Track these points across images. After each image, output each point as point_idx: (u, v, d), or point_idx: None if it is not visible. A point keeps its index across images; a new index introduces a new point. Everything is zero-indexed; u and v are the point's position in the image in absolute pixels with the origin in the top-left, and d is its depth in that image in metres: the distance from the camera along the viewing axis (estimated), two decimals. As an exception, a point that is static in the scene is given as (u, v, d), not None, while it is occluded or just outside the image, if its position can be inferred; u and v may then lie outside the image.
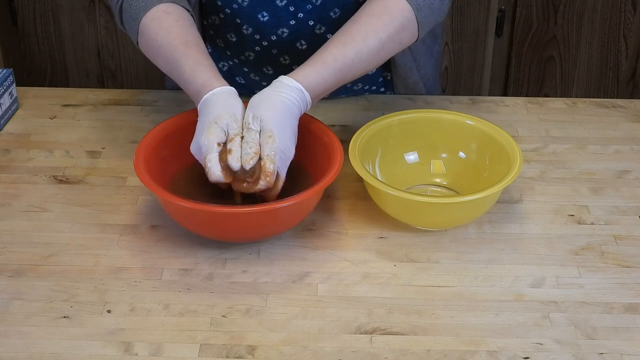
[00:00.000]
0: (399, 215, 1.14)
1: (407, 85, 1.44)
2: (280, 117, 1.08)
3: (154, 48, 1.19)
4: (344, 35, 1.17)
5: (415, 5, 1.20)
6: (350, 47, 1.16)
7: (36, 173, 1.26)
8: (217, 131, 1.07)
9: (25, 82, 2.37)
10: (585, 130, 1.37)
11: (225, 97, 1.11)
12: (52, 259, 1.10)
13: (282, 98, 1.10)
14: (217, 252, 1.11)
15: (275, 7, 1.30)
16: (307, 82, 1.12)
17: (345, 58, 1.15)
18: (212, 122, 1.08)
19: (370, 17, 1.18)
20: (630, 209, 1.20)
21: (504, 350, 0.97)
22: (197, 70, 1.14)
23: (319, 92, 1.15)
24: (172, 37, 1.17)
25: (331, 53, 1.15)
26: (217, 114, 1.08)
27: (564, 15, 2.28)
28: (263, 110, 1.08)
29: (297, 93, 1.11)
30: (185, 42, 1.17)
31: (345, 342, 0.98)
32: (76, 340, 0.98)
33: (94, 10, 2.31)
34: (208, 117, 1.09)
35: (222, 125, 1.07)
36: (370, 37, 1.17)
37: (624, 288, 1.06)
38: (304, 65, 1.15)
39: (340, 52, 1.15)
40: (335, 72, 1.15)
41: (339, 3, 1.30)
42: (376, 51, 1.18)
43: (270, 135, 1.06)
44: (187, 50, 1.16)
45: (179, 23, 1.19)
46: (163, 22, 1.19)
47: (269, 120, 1.07)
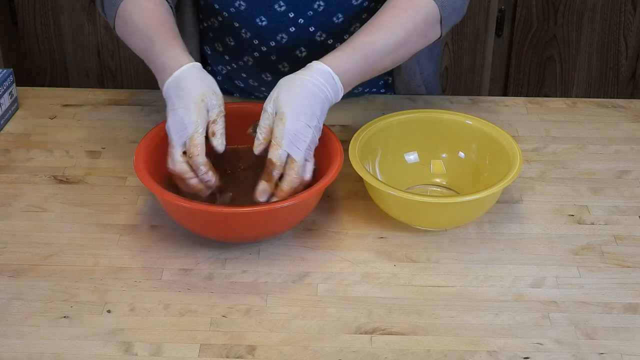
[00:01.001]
0: (399, 215, 1.14)
1: (409, 88, 1.44)
2: (297, 99, 1.07)
3: (129, 27, 1.20)
4: (370, 26, 1.18)
5: (440, 3, 1.20)
6: (377, 36, 1.16)
7: (36, 173, 1.26)
8: (203, 110, 1.07)
9: (25, 82, 2.37)
10: (585, 130, 1.37)
11: (200, 74, 1.11)
12: (52, 259, 1.10)
13: (307, 82, 1.09)
14: (217, 252, 1.11)
15: (274, 13, 1.29)
16: (337, 66, 1.12)
17: (373, 45, 1.15)
18: (198, 99, 1.07)
19: (395, 9, 1.19)
20: (630, 209, 1.20)
21: (504, 350, 0.97)
22: (169, 45, 1.14)
23: (349, 78, 1.14)
24: (149, 17, 1.18)
25: (359, 40, 1.15)
26: (202, 91, 1.08)
27: (564, 15, 2.28)
28: (281, 92, 1.08)
29: (325, 76, 1.10)
30: (160, 23, 1.18)
31: (345, 342, 0.98)
32: (76, 340, 0.98)
33: (94, 10, 2.31)
34: (190, 93, 1.08)
35: (207, 103, 1.08)
36: (396, 27, 1.17)
37: (624, 288, 1.06)
38: (333, 51, 1.14)
39: (368, 39, 1.15)
40: (364, 58, 1.15)
41: (342, 9, 1.29)
42: (402, 42, 1.18)
43: (281, 118, 1.06)
44: (162, 28, 1.17)
45: (156, 7, 1.20)
46: (140, 4, 1.20)
47: (283, 103, 1.07)
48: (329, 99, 1.11)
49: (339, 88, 1.12)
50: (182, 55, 1.12)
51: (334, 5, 1.28)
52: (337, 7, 1.29)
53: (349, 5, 1.29)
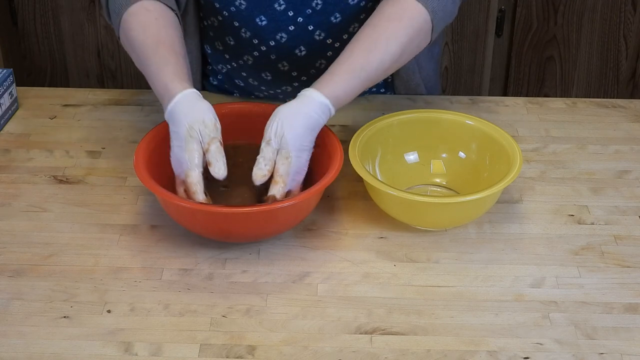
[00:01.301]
0: (399, 215, 1.14)
1: (409, 87, 1.44)
2: (301, 137, 1.08)
3: (130, 44, 1.19)
4: (366, 41, 1.16)
5: (431, 9, 1.19)
6: (373, 55, 1.15)
7: (36, 173, 1.26)
8: (194, 145, 1.07)
9: (25, 82, 2.37)
10: (585, 130, 1.37)
11: (189, 103, 1.10)
12: (52, 259, 1.10)
13: (308, 117, 1.09)
14: (217, 252, 1.11)
15: (274, 12, 1.29)
16: (335, 96, 1.12)
17: (369, 65, 1.15)
18: (186, 135, 1.07)
19: (390, 22, 1.17)
20: (630, 209, 1.20)
21: (504, 350, 0.97)
22: (162, 71, 1.13)
23: (342, 104, 1.14)
24: (147, 35, 1.17)
25: (357, 62, 1.14)
26: (187, 125, 1.07)
27: (564, 15, 2.28)
28: (286, 128, 1.08)
29: (324, 109, 1.11)
30: (156, 42, 1.16)
31: (345, 342, 0.98)
32: (76, 340, 0.98)
33: (94, 10, 2.31)
34: (180, 128, 1.08)
35: (196, 137, 1.07)
36: (392, 43, 1.16)
37: (624, 288, 1.06)
38: (332, 75, 1.13)
39: (366, 60, 1.14)
40: (361, 81, 1.15)
41: (339, 8, 1.29)
42: (397, 57, 1.17)
43: (287, 157, 1.07)
44: (157, 48, 1.15)
45: (157, 21, 1.19)
46: (140, 18, 1.19)
47: (290, 142, 1.07)
48: (321, 127, 1.12)
49: (332, 114, 1.13)
50: (173, 83, 1.11)
51: (332, 5, 1.28)
52: (334, 6, 1.28)
53: (346, 5, 1.28)
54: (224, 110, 1.19)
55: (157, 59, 1.14)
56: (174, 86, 1.11)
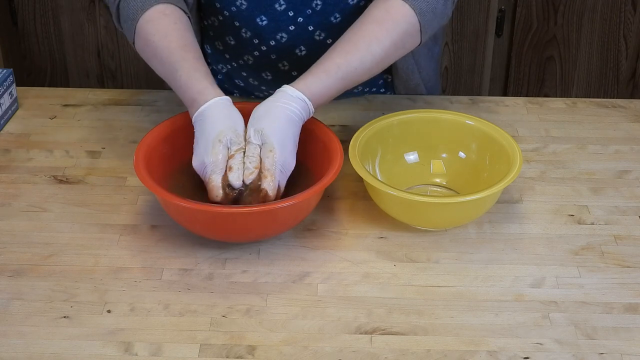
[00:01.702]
0: (399, 215, 1.14)
1: (409, 87, 1.44)
2: (281, 131, 1.08)
3: (150, 50, 1.19)
4: (347, 43, 1.17)
5: (419, 10, 1.19)
6: (353, 55, 1.15)
7: (36, 173, 1.26)
8: (221, 149, 1.07)
9: (25, 82, 2.37)
10: (585, 130, 1.37)
11: (223, 110, 1.10)
12: (52, 259, 1.10)
13: (285, 110, 1.09)
14: (217, 252, 1.11)
15: (274, 12, 1.29)
16: (310, 92, 1.12)
17: (348, 66, 1.15)
18: (215, 140, 1.08)
19: (373, 24, 1.17)
20: (630, 209, 1.20)
21: (504, 350, 0.97)
22: (193, 77, 1.13)
23: (322, 101, 1.14)
24: (169, 40, 1.17)
25: (334, 62, 1.15)
26: (219, 130, 1.08)
27: (564, 15, 2.28)
28: (265, 123, 1.08)
29: (300, 103, 1.11)
30: (182, 46, 1.16)
31: (345, 342, 0.98)
32: (76, 340, 0.98)
33: (94, 10, 2.31)
34: (210, 133, 1.08)
35: (225, 142, 1.08)
36: (373, 45, 1.16)
37: (624, 288, 1.06)
38: (307, 74, 1.14)
39: (344, 60, 1.15)
40: (338, 81, 1.15)
41: (339, 8, 1.29)
42: (379, 59, 1.17)
43: (271, 150, 1.07)
44: (184, 54, 1.15)
45: (176, 26, 1.18)
46: (160, 24, 1.18)
47: (270, 134, 1.07)
48: (302, 121, 1.12)
49: (311, 111, 1.13)
50: (208, 89, 1.12)
51: (331, 5, 1.28)
52: (334, 6, 1.29)
53: (346, 5, 1.29)
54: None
55: (187, 66, 1.14)
56: (208, 92, 1.11)
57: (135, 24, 1.19)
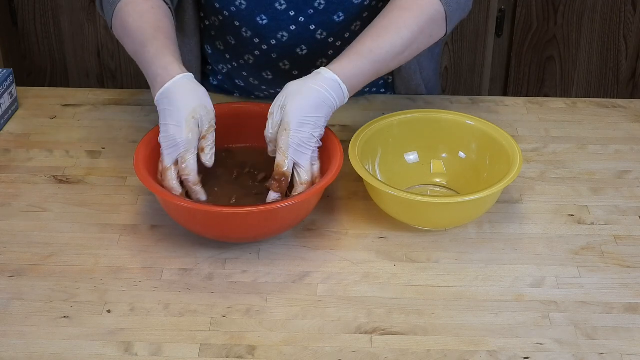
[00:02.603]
0: (399, 215, 1.14)
1: (409, 87, 1.44)
2: (303, 109, 1.08)
3: (124, 29, 1.20)
4: (376, 28, 1.18)
5: (445, 0, 1.20)
6: (384, 39, 1.16)
7: (36, 173, 1.26)
8: (194, 127, 1.07)
9: (25, 82, 2.37)
10: (585, 130, 1.37)
11: (191, 86, 1.10)
12: (52, 259, 1.10)
13: (315, 90, 1.10)
14: (217, 252, 1.11)
15: (275, 11, 1.29)
16: (344, 74, 1.12)
17: (380, 49, 1.16)
18: (189, 117, 1.08)
19: (401, 10, 1.19)
20: (630, 209, 1.20)
21: (504, 350, 0.97)
22: (160, 52, 1.13)
23: (356, 84, 1.15)
24: (144, 20, 1.18)
25: (366, 45, 1.16)
26: (192, 107, 1.08)
27: (564, 15, 2.28)
28: (290, 100, 1.09)
29: (333, 85, 1.11)
30: (155, 27, 1.17)
31: (345, 342, 0.98)
32: (76, 340, 0.98)
33: (94, 10, 2.31)
34: (182, 109, 1.08)
35: (197, 120, 1.08)
36: (403, 29, 1.17)
37: (624, 288, 1.06)
38: (340, 58, 1.15)
39: (375, 43, 1.16)
40: (371, 64, 1.15)
41: (343, 7, 1.29)
42: (409, 43, 1.18)
43: (285, 129, 1.07)
44: (156, 34, 1.16)
45: (153, 10, 1.20)
46: (137, 7, 1.20)
47: (289, 112, 1.08)
48: (334, 105, 1.12)
49: (345, 95, 1.13)
50: (173, 64, 1.12)
51: (335, 4, 1.28)
52: (338, 5, 1.29)
53: (350, 4, 1.29)
54: (223, 110, 1.19)
55: (156, 43, 1.15)
56: (174, 67, 1.11)
57: (114, 8, 1.21)
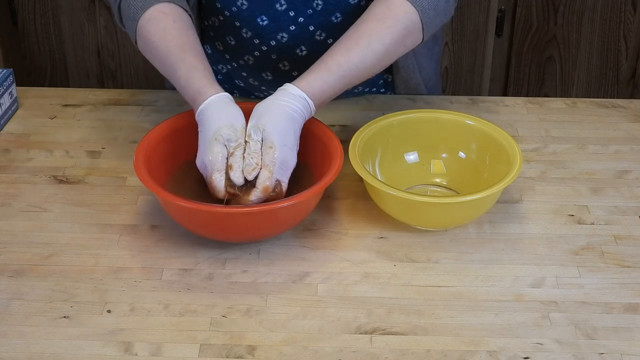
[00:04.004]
0: (399, 215, 1.14)
1: (409, 87, 1.44)
2: (282, 127, 1.08)
3: (150, 50, 1.19)
4: (347, 40, 1.17)
5: (420, 8, 1.19)
6: (354, 52, 1.15)
7: (36, 173, 1.26)
8: (218, 148, 1.08)
9: (25, 82, 2.37)
10: (585, 130, 1.37)
11: (221, 107, 1.10)
12: (52, 259, 1.10)
13: (286, 107, 1.09)
14: (217, 252, 1.11)
15: (275, 12, 1.29)
16: (311, 90, 1.12)
17: (349, 64, 1.15)
18: (212, 138, 1.08)
19: (374, 22, 1.17)
20: (630, 209, 1.20)
21: (504, 350, 0.97)
22: (192, 76, 1.13)
23: (323, 99, 1.14)
24: (169, 39, 1.17)
25: (335, 59, 1.15)
26: (215, 129, 1.08)
27: (564, 15, 2.28)
28: (265, 120, 1.08)
29: (301, 101, 1.11)
30: (180, 46, 1.16)
31: (345, 342, 0.98)
32: (76, 340, 0.98)
33: (94, 10, 2.31)
34: (207, 132, 1.09)
35: (222, 141, 1.08)
36: (374, 42, 1.16)
37: (624, 288, 1.06)
38: (308, 72, 1.14)
39: (344, 58, 1.15)
40: (339, 79, 1.15)
41: (340, 8, 1.29)
42: (381, 56, 1.17)
43: (271, 147, 1.07)
44: (182, 54, 1.15)
45: (176, 24, 1.19)
46: (160, 24, 1.18)
47: (270, 131, 1.07)
48: (304, 119, 1.12)
49: (312, 110, 1.13)
50: (205, 87, 1.12)
51: (332, 5, 1.28)
52: (335, 6, 1.29)
53: (347, 5, 1.29)
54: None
55: (185, 65, 1.14)
56: (206, 90, 1.11)
57: (136, 24, 1.20)
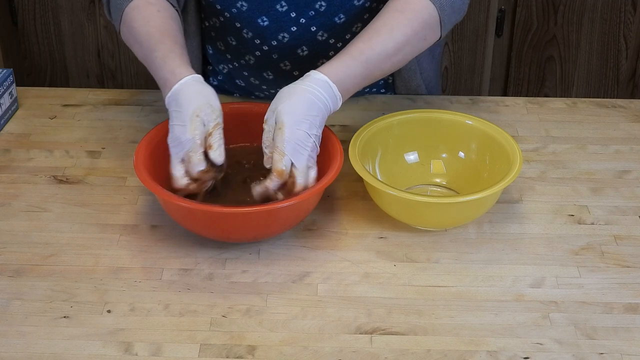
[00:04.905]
0: (399, 215, 1.14)
1: (409, 88, 1.44)
2: (296, 108, 1.08)
3: (132, 35, 1.20)
4: (368, 30, 1.18)
5: (439, 5, 1.20)
6: (376, 40, 1.16)
7: (36, 173, 1.26)
8: (199, 125, 1.08)
9: (25, 82, 2.37)
10: (585, 130, 1.37)
11: (197, 87, 1.11)
12: (52, 259, 1.10)
13: (305, 91, 1.09)
14: (217, 252, 1.11)
15: (276, 13, 1.29)
16: (334, 75, 1.12)
17: (371, 51, 1.15)
18: (192, 115, 1.08)
19: (394, 12, 1.19)
20: (630, 209, 1.20)
21: (504, 350, 0.97)
22: (168, 57, 1.14)
23: (348, 86, 1.14)
24: (151, 25, 1.18)
25: (357, 47, 1.16)
26: (196, 106, 1.08)
27: (564, 15, 2.28)
28: (281, 103, 1.09)
29: (323, 85, 1.11)
30: (161, 31, 1.18)
31: (345, 342, 0.98)
32: (76, 340, 0.98)
33: (94, 10, 2.31)
34: (186, 109, 1.09)
35: (202, 118, 1.08)
36: (395, 31, 1.17)
37: (624, 288, 1.06)
38: (332, 60, 1.15)
39: (367, 45, 1.16)
40: (362, 65, 1.15)
41: (344, 9, 1.29)
42: (401, 45, 1.18)
43: (280, 128, 1.07)
44: (162, 38, 1.17)
45: (159, 13, 1.20)
46: (143, 11, 1.20)
47: (282, 112, 1.08)
48: (328, 107, 1.11)
49: (337, 96, 1.13)
50: (180, 68, 1.12)
51: (336, 6, 1.28)
52: (338, 7, 1.29)
53: (351, 6, 1.29)
54: (224, 110, 1.19)
55: (163, 47, 1.15)
56: (181, 71, 1.12)
57: (121, 12, 1.22)
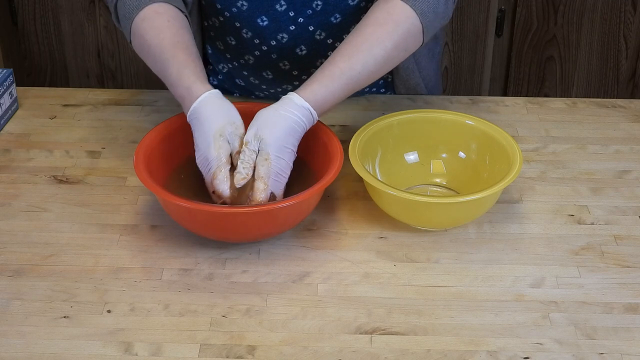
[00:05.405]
0: (399, 215, 1.14)
1: (409, 87, 1.44)
2: (280, 140, 1.08)
3: (144, 48, 1.19)
4: (349, 46, 1.16)
5: (420, 11, 1.18)
6: (356, 58, 1.15)
7: (36, 173, 1.26)
8: (223, 144, 1.08)
9: (25, 82, 2.37)
10: (585, 130, 1.37)
11: (217, 104, 1.11)
12: (52, 259, 1.10)
13: (288, 119, 1.09)
14: (217, 252, 1.11)
15: (275, 12, 1.29)
16: (314, 100, 1.12)
17: (352, 71, 1.15)
18: (216, 134, 1.08)
19: (374, 26, 1.17)
20: (630, 209, 1.20)
21: (504, 350, 0.97)
22: (182, 73, 1.13)
23: (326, 107, 1.14)
24: (162, 37, 1.17)
25: (337, 66, 1.15)
26: (219, 125, 1.08)
27: (564, 15, 2.28)
28: (265, 130, 1.08)
29: (304, 112, 1.11)
30: (174, 44, 1.16)
31: (345, 342, 0.98)
32: (76, 340, 0.98)
33: (94, 10, 2.31)
34: (209, 128, 1.09)
35: (225, 136, 1.08)
36: (375, 47, 1.16)
37: (624, 288, 1.06)
38: (312, 81, 1.14)
39: (347, 64, 1.15)
40: (342, 86, 1.14)
41: (339, 9, 1.29)
42: (382, 61, 1.17)
43: (266, 158, 1.07)
44: (175, 51, 1.15)
45: (170, 23, 1.19)
46: (154, 22, 1.19)
47: (268, 142, 1.08)
48: (305, 130, 1.12)
49: (315, 119, 1.13)
50: (196, 84, 1.12)
51: (332, 5, 1.28)
52: (334, 7, 1.29)
53: (346, 6, 1.29)
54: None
55: (176, 63, 1.14)
56: (197, 87, 1.11)
57: (130, 23, 1.20)
